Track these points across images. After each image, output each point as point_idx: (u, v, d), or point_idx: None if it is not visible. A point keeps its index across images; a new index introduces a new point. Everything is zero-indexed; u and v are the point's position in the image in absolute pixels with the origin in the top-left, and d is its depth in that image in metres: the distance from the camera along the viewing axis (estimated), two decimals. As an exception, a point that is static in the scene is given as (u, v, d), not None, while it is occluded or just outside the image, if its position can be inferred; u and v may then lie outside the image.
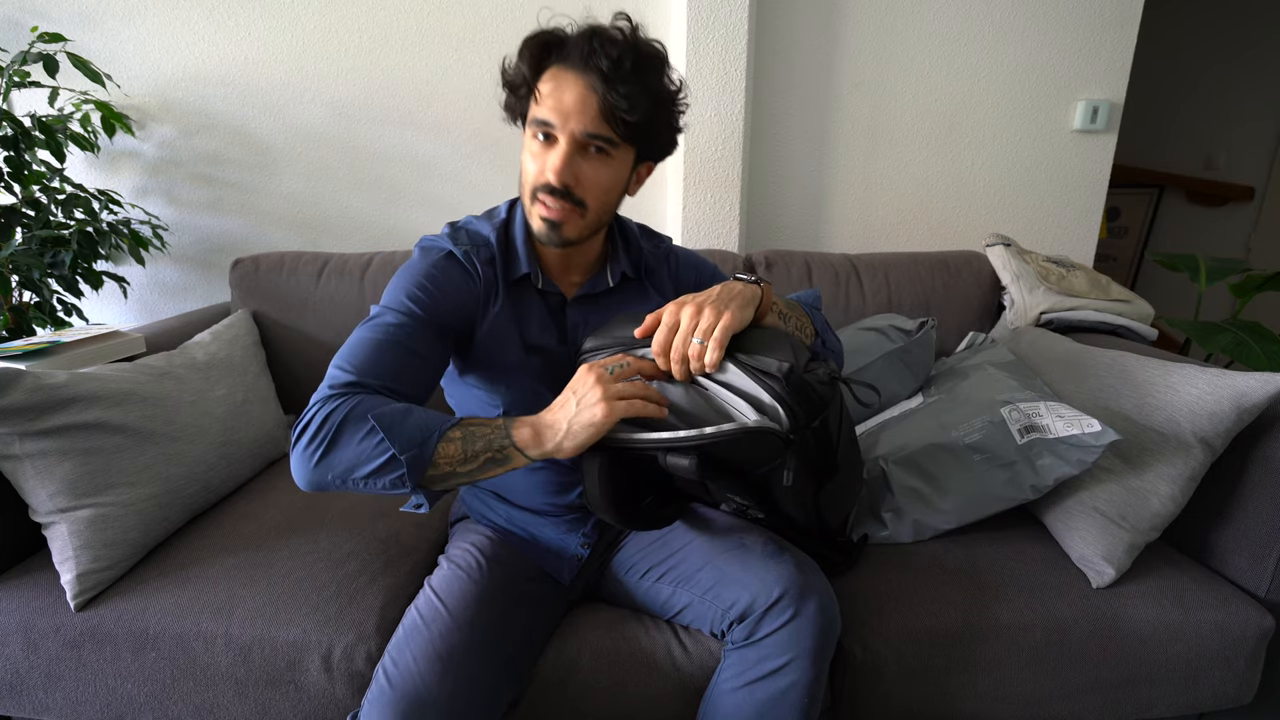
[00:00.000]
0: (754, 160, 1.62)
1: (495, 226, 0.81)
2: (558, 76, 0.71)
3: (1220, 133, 2.93)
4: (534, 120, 0.72)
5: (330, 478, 0.62)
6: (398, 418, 0.62)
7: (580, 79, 0.70)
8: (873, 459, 0.99)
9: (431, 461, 0.62)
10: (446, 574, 0.78)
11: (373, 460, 0.61)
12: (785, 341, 0.67)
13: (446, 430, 0.63)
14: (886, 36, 1.56)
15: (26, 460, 0.84)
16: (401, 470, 0.61)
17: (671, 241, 0.95)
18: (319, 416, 0.62)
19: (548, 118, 0.71)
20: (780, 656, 0.69)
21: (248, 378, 1.21)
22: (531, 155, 0.74)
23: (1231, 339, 1.47)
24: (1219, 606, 0.85)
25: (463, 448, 0.63)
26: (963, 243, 1.67)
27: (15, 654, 0.82)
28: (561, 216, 0.73)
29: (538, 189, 0.73)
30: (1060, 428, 0.87)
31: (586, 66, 0.69)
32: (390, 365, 0.68)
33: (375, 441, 0.61)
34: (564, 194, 0.72)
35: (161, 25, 1.48)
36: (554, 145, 0.72)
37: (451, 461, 0.63)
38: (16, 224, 1.35)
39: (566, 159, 0.71)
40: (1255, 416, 0.85)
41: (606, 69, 0.68)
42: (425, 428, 0.63)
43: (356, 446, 0.61)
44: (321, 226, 1.63)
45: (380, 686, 0.66)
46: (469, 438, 0.64)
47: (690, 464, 0.63)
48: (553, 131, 0.71)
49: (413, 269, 0.76)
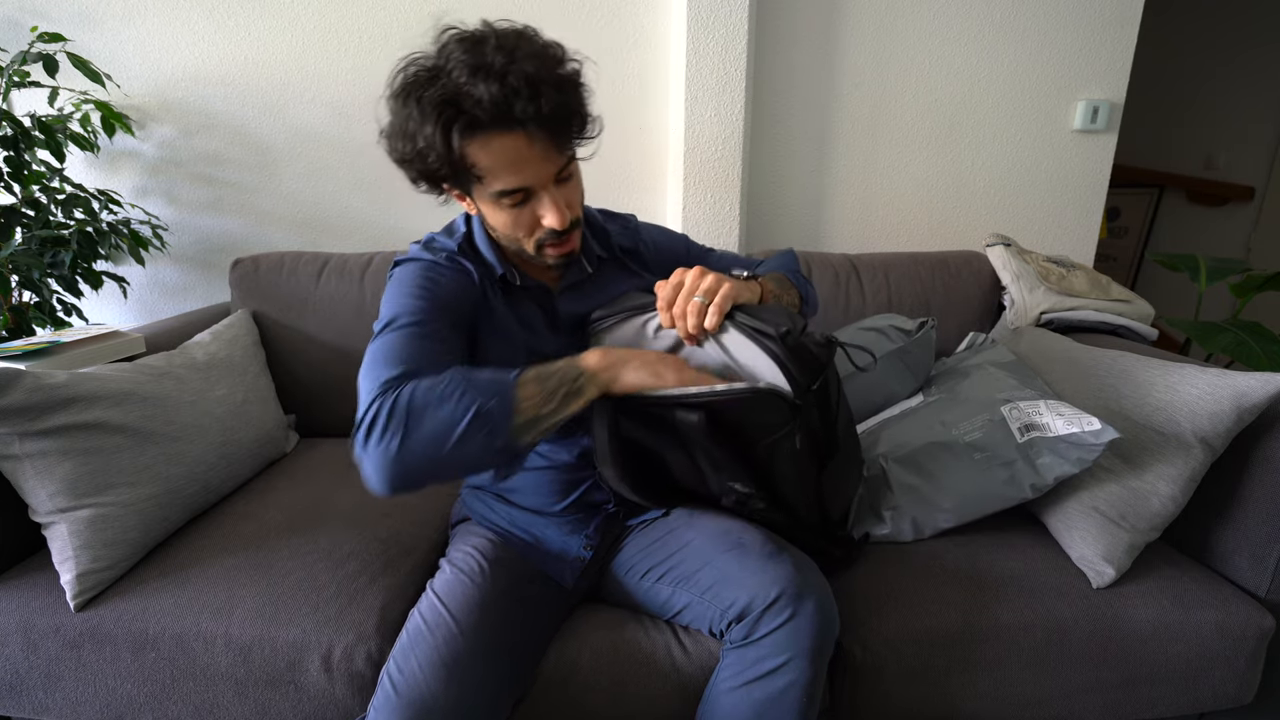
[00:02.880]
0: (754, 160, 1.62)
1: (458, 241, 0.80)
2: (495, 146, 0.65)
3: (1220, 133, 2.93)
4: (497, 194, 0.69)
5: (416, 461, 0.59)
6: (468, 377, 0.61)
7: (523, 137, 0.65)
8: (873, 457, 0.99)
9: (516, 406, 0.61)
10: (449, 578, 0.78)
11: (459, 423, 0.58)
12: (783, 311, 0.71)
13: (520, 375, 0.63)
14: (886, 36, 1.56)
15: (26, 460, 0.84)
16: (491, 423, 0.59)
17: (636, 218, 0.97)
18: (384, 408, 0.59)
19: (518, 185, 0.68)
20: (778, 656, 0.69)
21: (248, 378, 1.21)
22: (510, 219, 0.71)
23: (1231, 339, 1.47)
24: (1219, 606, 0.85)
25: (539, 388, 0.63)
26: (963, 243, 1.67)
27: (15, 654, 0.82)
28: (573, 245, 0.76)
29: (541, 241, 0.74)
30: (1060, 426, 0.87)
31: (518, 124, 0.64)
32: (426, 354, 0.66)
33: (454, 403, 0.59)
34: (569, 228, 0.73)
35: (161, 25, 1.48)
36: (531, 199, 0.71)
37: (534, 403, 0.62)
38: (16, 224, 1.35)
39: (556, 203, 0.70)
40: (1255, 416, 0.85)
41: (539, 119, 0.64)
42: (498, 377, 0.62)
43: (436, 416, 0.58)
44: (321, 226, 1.63)
45: (386, 694, 0.67)
46: (542, 377, 0.64)
47: (699, 419, 0.65)
48: (529, 189, 0.70)
49: (402, 281, 0.75)
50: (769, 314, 0.69)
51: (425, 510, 1.05)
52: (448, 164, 0.66)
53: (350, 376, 1.32)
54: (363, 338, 1.33)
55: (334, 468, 1.19)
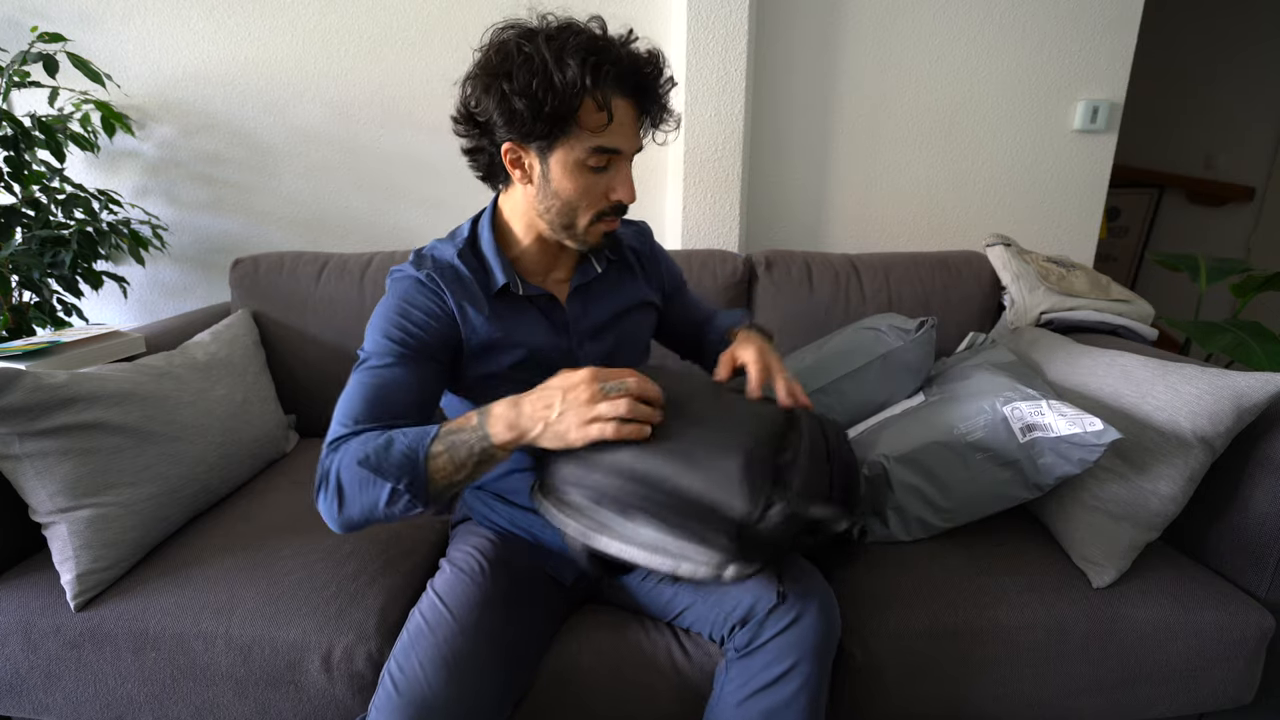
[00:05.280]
0: (754, 160, 1.62)
1: (459, 246, 0.81)
2: (615, 102, 0.71)
3: (1220, 133, 2.93)
4: (596, 149, 0.71)
5: (357, 521, 0.67)
6: (382, 455, 0.65)
7: (633, 104, 0.73)
8: (873, 457, 0.99)
9: (429, 479, 0.65)
10: (450, 577, 0.78)
11: (380, 500, 0.65)
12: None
13: (429, 448, 0.65)
14: (886, 36, 1.56)
15: (26, 460, 0.84)
16: (406, 497, 0.64)
17: (649, 226, 1.00)
18: (328, 474, 0.67)
19: (616, 146, 0.73)
20: (784, 661, 0.69)
21: (248, 378, 1.21)
22: (585, 184, 0.74)
23: (1231, 339, 1.47)
24: (1219, 606, 0.85)
25: (449, 459, 0.65)
26: (963, 243, 1.67)
27: (15, 654, 0.82)
28: (617, 224, 0.80)
29: (600, 214, 0.76)
30: (1062, 426, 0.87)
31: (640, 90, 0.73)
32: (383, 406, 0.70)
33: (373, 486, 0.64)
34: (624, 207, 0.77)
35: (161, 25, 1.48)
36: (612, 167, 0.74)
37: (446, 474, 0.65)
38: (16, 224, 1.35)
39: (629, 178, 0.76)
40: (1255, 416, 0.85)
41: (652, 92, 0.73)
42: (410, 453, 0.65)
43: (361, 493, 0.65)
44: (321, 226, 1.63)
45: (387, 692, 0.67)
46: (452, 448, 0.65)
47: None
48: (617, 156, 0.74)
49: (385, 306, 0.78)
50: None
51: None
52: (567, 105, 0.68)
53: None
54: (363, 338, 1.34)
55: (334, 468, 1.19)
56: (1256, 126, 2.78)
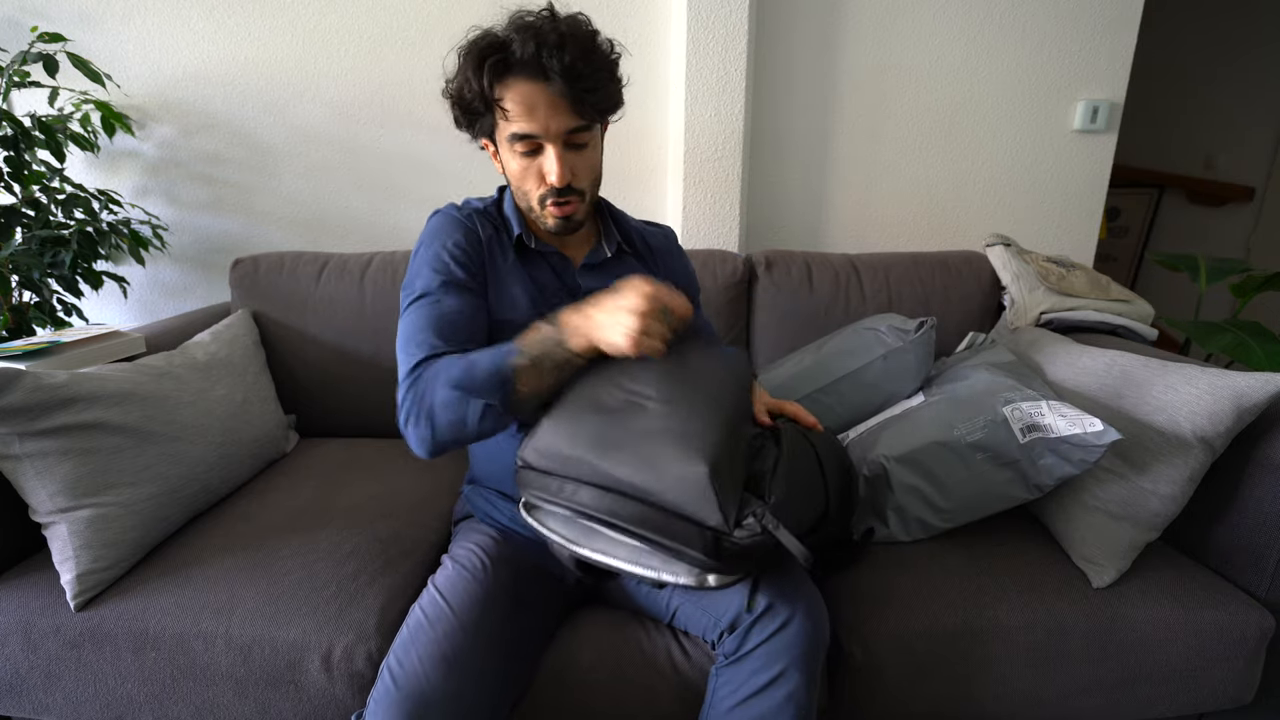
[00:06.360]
0: (754, 160, 1.62)
1: (489, 205, 0.89)
2: (518, 89, 0.75)
3: (1220, 133, 2.93)
4: (511, 136, 0.77)
5: (445, 441, 0.72)
6: (468, 376, 0.69)
7: (544, 87, 0.74)
8: (873, 457, 0.99)
9: (517, 392, 0.69)
10: (451, 574, 0.78)
11: (471, 417, 0.70)
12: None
13: (514, 364, 0.69)
14: (886, 36, 1.56)
15: (26, 460, 0.84)
16: (499, 411, 0.70)
17: (675, 233, 1.04)
18: (414, 401, 0.72)
19: (528, 130, 0.76)
20: (772, 667, 0.69)
21: (248, 378, 1.21)
22: (520, 167, 0.79)
23: (1231, 339, 1.47)
24: (1219, 606, 0.85)
25: (534, 368, 0.70)
26: (963, 243, 1.67)
27: (15, 654, 0.82)
28: (572, 210, 0.81)
29: (544, 197, 0.80)
30: (1063, 427, 0.87)
31: (543, 74, 0.74)
32: (451, 330, 0.76)
33: (465, 403, 0.69)
34: (568, 190, 0.79)
35: (161, 25, 1.48)
36: (541, 152, 0.77)
37: (532, 384, 0.70)
38: (16, 224, 1.35)
39: (561, 160, 0.77)
40: (1255, 416, 0.85)
41: (562, 71, 0.73)
42: (496, 369, 0.69)
43: (453, 414, 0.70)
44: (321, 226, 1.63)
45: (386, 686, 0.67)
46: (536, 360, 0.70)
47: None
48: (537, 141, 0.76)
49: (428, 248, 0.83)
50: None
51: (425, 511, 1.05)
52: (480, 99, 0.76)
53: (350, 376, 1.34)
54: (363, 337, 1.34)
55: (334, 468, 1.19)
56: (1256, 127, 2.78)
